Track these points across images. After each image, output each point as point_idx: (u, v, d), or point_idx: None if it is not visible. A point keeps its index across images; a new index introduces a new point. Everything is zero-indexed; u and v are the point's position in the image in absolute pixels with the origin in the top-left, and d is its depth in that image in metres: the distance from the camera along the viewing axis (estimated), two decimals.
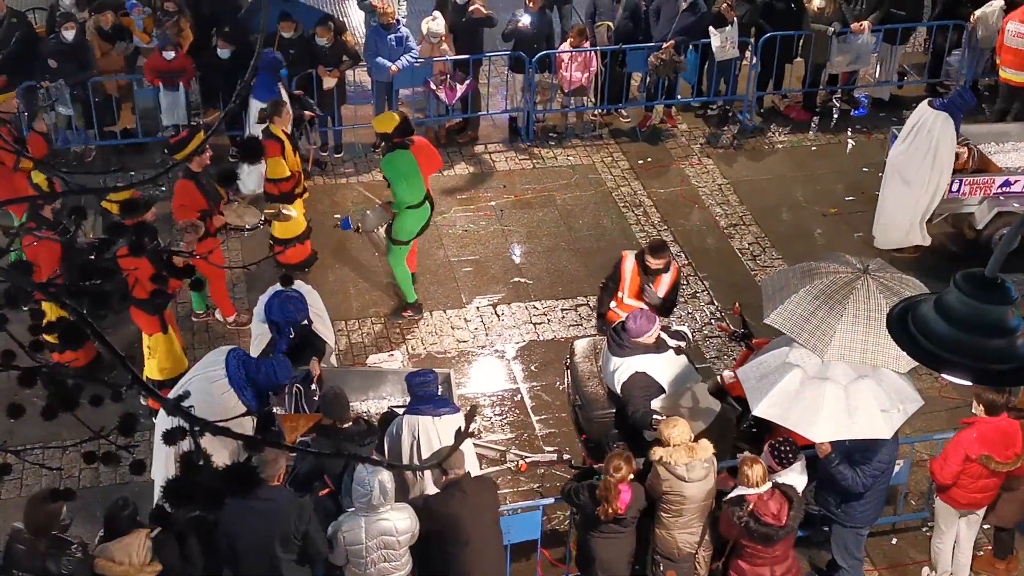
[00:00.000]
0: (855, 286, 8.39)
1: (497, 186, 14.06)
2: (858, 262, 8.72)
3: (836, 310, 8.25)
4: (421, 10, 15.97)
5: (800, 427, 8.09)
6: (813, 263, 8.87)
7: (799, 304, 8.38)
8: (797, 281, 8.60)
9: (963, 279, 4.32)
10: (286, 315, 9.19)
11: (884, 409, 8.08)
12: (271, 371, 8.22)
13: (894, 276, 8.62)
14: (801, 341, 8.30)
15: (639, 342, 8.99)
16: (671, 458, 8.06)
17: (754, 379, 8.42)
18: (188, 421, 2.86)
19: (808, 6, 15.01)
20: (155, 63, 13.64)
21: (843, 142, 15.27)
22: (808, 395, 8.09)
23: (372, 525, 7.62)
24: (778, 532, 7.92)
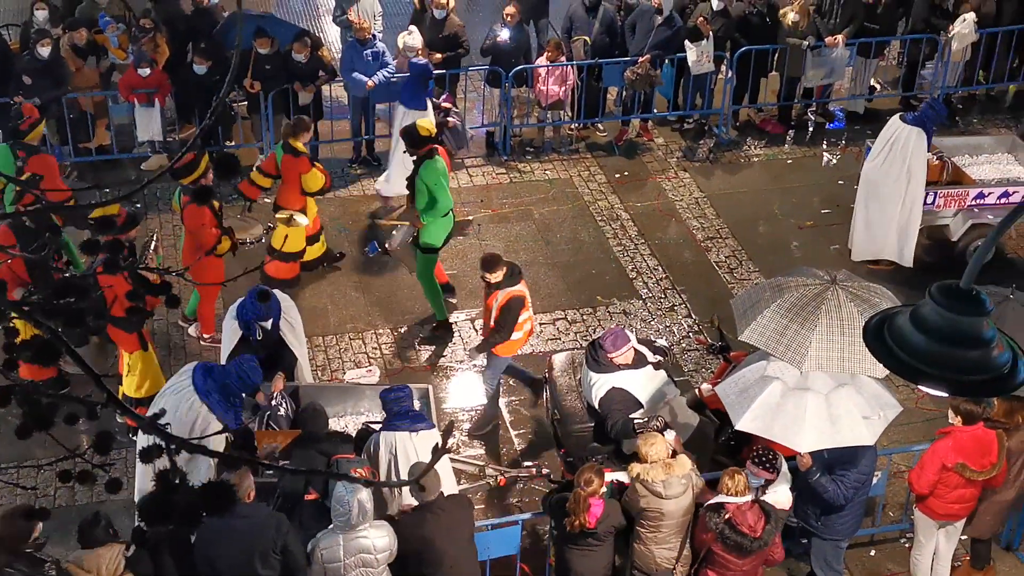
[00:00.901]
0: (825, 297, 8.44)
1: (474, 200, 14.06)
2: (825, 274, 8.77)
3: (809, 322, 8.29)
4: (398, 25, 15.98)
5: (784, 439, 8.11)
6: (782, 278, 8.91)
7: (772, 319, 8.42)
8: (767, 297, 8.64)
9: (938, 291, 4.33)
10: (257, 312, 9.23)
11: (866, 416, 8.13)
12: (242, 372, 8.22)
13: (862, 284, 8.70)
14: (778, 355, 8.33)
15: (615, 360, 9.01)
16: (648, 475, 8.07)
17: (733, 394, 8.44)
18: (164, 439, 2.84)
19: (783, 20, 15.09)
20: (130, 79, 13.59)
21: (818, 155, 15.35)
22: (790, 406, 8.12)
23: (350, 543, 7.59)
24: (752, 543, 7.93)
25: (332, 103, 14.83)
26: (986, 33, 15.53)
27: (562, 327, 12.00)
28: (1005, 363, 4.35)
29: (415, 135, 11.16)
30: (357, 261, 12.83)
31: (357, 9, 15.01)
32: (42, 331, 2.95)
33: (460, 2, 16.20)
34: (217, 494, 2.76)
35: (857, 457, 8.33)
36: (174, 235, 13.18)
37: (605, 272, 12.88)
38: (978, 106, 16.56)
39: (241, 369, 8.25)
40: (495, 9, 15.77)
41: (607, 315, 12.14)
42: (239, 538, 7.42)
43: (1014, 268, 12.78)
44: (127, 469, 9.41)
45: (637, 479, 8.10)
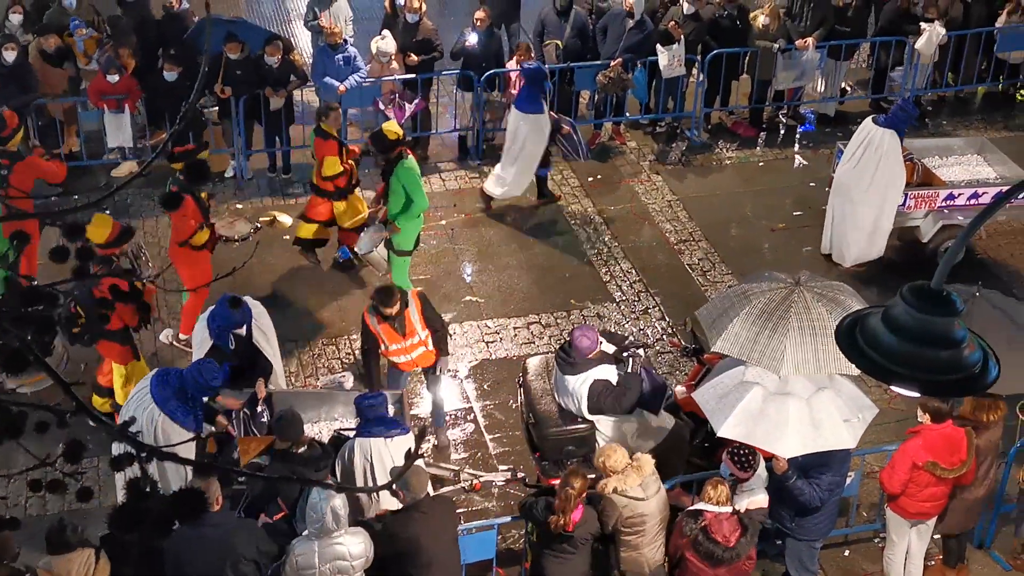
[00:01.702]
0: (792, 300, 8.47)
1: (447, 205, 14.04)
2: (788, 276, 8.81)
3: (781, 326, 8.31)
4: (369, 30, 15.96)
5: (767, 444, 8.13)
6: (746, 285, 8.96)
7: (743, 327, 8.43)
8: (735, 305, 8.64)
9: (910, 292, 4.36)
10: (228, 319, 9.17)
11: (846, 419, 8.19)
12: (196, 374, 8.20)
13: (825, 283, 8.77)
14: (754, 362, 8.35)
15: (590, 357, 9.03)
16: (625, 484, 8.09)
17: (712, 401, 8.45)
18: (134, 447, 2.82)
19: (753, 23, 15.15)
20: (100, 86, 13.51)
21: (790, 157, 15.41)
22: (772, 412, 8.14)
23: (325, 549, 7.56)
24: (724, 553, 7.94)
25: (304, 108, 14.78)
26: (955, 36, 15.64)
27: (536, 331, 12.01)
28: (976, 363, 4.39)
29: (384, 140, 11.18)
30: (329, 267, 12.78)
31: (328, 14, 14.99)
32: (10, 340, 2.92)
33: (432, 6, 16.19)
34: (188, 501, 2.74)
35: (831, 459, 8.37)
36: (144, 242, 13.09)
37: (579, 275, 12.89)
38: (947, 108, 16.67)
39: (199, 372, 8.22)
40: (467, 13, 15.77)
41: (581, 318, 12.14)
42: (210, 547, 7.38)
43: (984, 269, 12.87)
44: (99, 477, 9.34)
45: (614, 492, 8.12)
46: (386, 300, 9.53)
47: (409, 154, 11.36)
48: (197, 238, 10.76)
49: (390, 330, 9.63)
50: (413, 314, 9.69)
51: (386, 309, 9.52)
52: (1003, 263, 13.24)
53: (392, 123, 11.63)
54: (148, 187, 13.51)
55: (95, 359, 10.70)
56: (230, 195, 14.00)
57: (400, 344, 9.73)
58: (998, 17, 16.11)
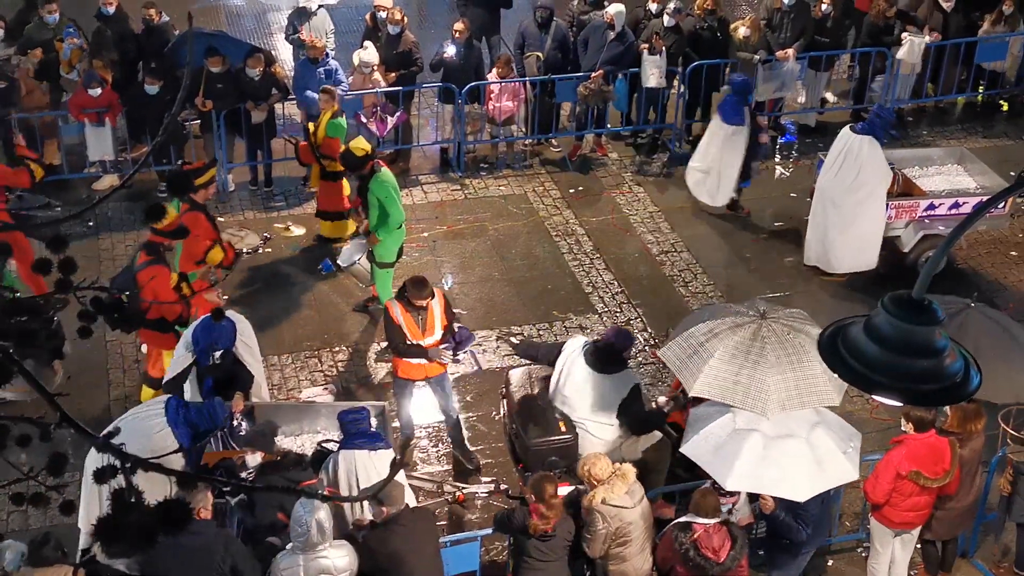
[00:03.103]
0: (763, 335, 8.41)
1: (429, 217, 14.05)
2: (751, 309, 8.78)
3: (760, 364, 8.23)
4: (350, 43, 15.96)
5: (779, 491, 8.09)
6: (710, 322, 8.76)
7: (719, 368, 8.32)
8: (705, 345, 8.51)
9: (891, 301, 4.38)
10: (213, 337, 9.11)
11: (844, 451, 8.18)
12: (211, 413, 8.31)
13: (787, 313, 8.76)
14: (737, 404, 8.23)
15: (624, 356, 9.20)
16: (612, 493, 8.05)
17: (708, 453, 8.28)
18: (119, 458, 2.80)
19: (734, 35, 15.22)
20: (81, 99, 13.47)
21: (770, 168, 15.46)
22: (775, 456, 8.09)
23: (311, 563, 7.53)
24: (713, 567, 7.94)
25: (285, 121, 14.76)
26: (934, 46, 15.74)
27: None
28: (957, 372, 4.40)
29: (352, 159, 11.24)
30: (312, 279, 12.76)
31: (309, 27, 14.99)
32: None
33: (412, 18, 16.21)
34: (173, 512, 2.73)
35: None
36: (126, 255, 13.05)
37: (561, 287, 12.90)
38: (927, 118, 16.77)
39: (213, 411, 8.33)
40: (447, 25, 15.79)
41: (563, 330, 12.15)
42: (188, 556, 7.35)
43: (965, 278, 12.95)
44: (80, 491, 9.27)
45: (602, 504, 8.06)
46: (419, 290, 9.56)
47: (383, 166, 11.38)
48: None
49: (412, 323, 9.64)
50: (436, 309, 9.70)
51: (417, 300, 9.55)
52: (983, 272, 13.31)
53: (360, 140, 11.63)
54: (129, 200, 13.48)
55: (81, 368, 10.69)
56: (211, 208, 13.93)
57: (420, 341, 9.71)
58: (977, 27, 16.22)
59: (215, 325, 9.09)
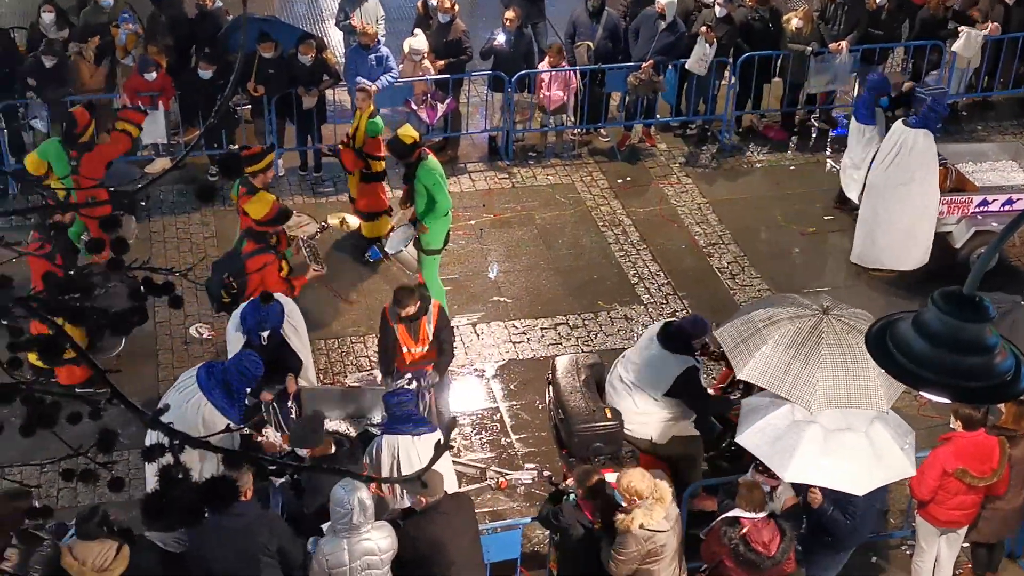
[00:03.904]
0: (823, 329, 8.39)
1: (476, 205, 14.06)
2: (814, 302, 8.73)
3: (813, 358, 8.22)
4: (401, 30, 16.00)
5: (840, 484, 8.03)
6: (771, 309, 8.80)
7: (772, 355, 8.33)
8: (761, 331, 8.53)
9: (941, 297, 4.34)
10: (262, 316, 9.24)
11: (901, 447, 8.13)
12: (241, 366, 8.31)
13: (851, 312, 8.69)
14: (783, 394, 8.22)
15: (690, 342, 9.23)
16: (651, 518, 7.86)
17: (766, 445, 8.26)
18: (168, 435, 2.84)
19: (786, 26, 15.09)
20: (135, 83, 13.60)
21: (821, 161, 15.34)
22: (835, 449, 8.05)
23: (355, 546, 7.56)
24: (764, 562, 7.89)
25: (335, 107, 14.82)
26: (992, 40, 15.51)
27: (563, 332, 12.00)
28: (1008, 370, 4.36)
29: (400, 146, 11.23)
30: (359, 266, 12.82)
31: (360, 13, 15.03)
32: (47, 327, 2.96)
33: (463, 6, 16.21)
34: (219, 490, 2.77)
35: None
36: (177, 237, 13.20)
37: (606, 277, 12.88)
38: (982, 113, 16.53)
39: (241, 364, 8.39)
40: (497, 14, 15.78)
41: (608, 320, 12.14)
42: (231, 537, 7.41)
43: (1017, 275, 12.77)
44: (129, 470, 9.42)
45: (640, 529, 7.84)
46: (401, 300, 9.55)
47: (430, 154, 11.39)
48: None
49: (405, 332, 9.66)
50: (429, 324, 9.69)
51: (400, 309, 9.55)
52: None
53: (407, 127, 11.63)
54: (181, 183, 13.61)
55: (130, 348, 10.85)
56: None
57: (412, 349, 9.72)
58: None
59: (263, 306, 9.23)
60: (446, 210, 11.34)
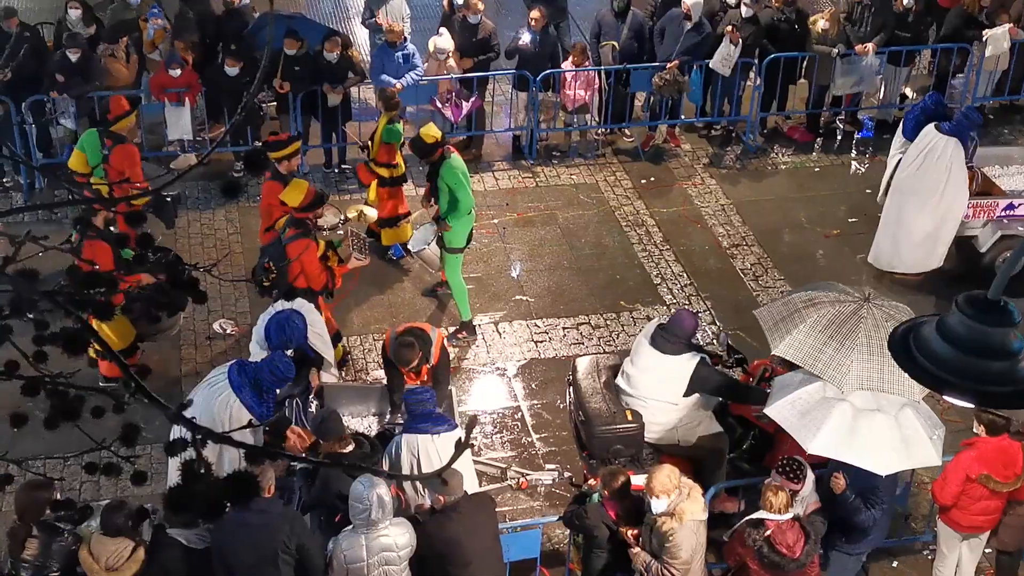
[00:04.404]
0: (862, 315, 8.42)
1: (499, 204, 14.08)
2: (856, 291, 8.74)
3: (849, 341, 8.25)
4: (426, 28, 16.03)
5: (862, 461, 7.99)
6: (813, 292, 8.87)
7: (809, 335, 8.38)
8: (800, 311, 8.59)
9: (966, 301, 4.33)
10: (285, 337, 9.05)
11: (930, 436, 8.10)
12: (273, 367, 8.32)
13: (892, 304, 8.70)
14: (817, 372, 8.27)
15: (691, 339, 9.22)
16: (693, 509, 7.80)
17: (794, 417, 8.27)
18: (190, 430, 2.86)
19: (812, 28, 15.04)
20: (161, 79, 13.68)
21: (846, 164, 15.28)
22: (863, 428, 8.03)
23: (373, 542, 7.59)
24: (789, 564, 7.86)
25: (360, 105, 14.86)
26: (1020, 44, 15.41)
27: (585, 331, 12.00)
28: None
29: (422, 145, 11.22)
30: (382, 263, 12.84)
31: (386, 11, 15.07)
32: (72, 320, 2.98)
33: (489, 5, 16.23)
34: (240, 485, 2.78)
35: (880, 480, 8.25)
36: (202, 233, 13.27)
37: (629, 278, 12.87)
38: (1009, 116, 16.43)
39: (273, 364, 8.39)
40: (522, 13, 15.79)
41: (630, 320, 12.13)
42: (252, 533, 7.43)
43: None
44: (152, 464, 9.47)
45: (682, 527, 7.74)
46: (403, 358, 9.27)
47: (454, 153, 11.39)
48: (280, 225, 10.92)
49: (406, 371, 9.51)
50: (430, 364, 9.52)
51: (404, 367, 9.31)
52: None
53: (430, 126, 11.61)
54: (206, 179, 13.68)
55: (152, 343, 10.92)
56: None
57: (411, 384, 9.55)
58: None
59: (287, 324, 9.07)
60: (469, 209, 11.35)
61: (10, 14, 13.57)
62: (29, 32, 13.99)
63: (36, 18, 15.62)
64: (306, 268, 10.11)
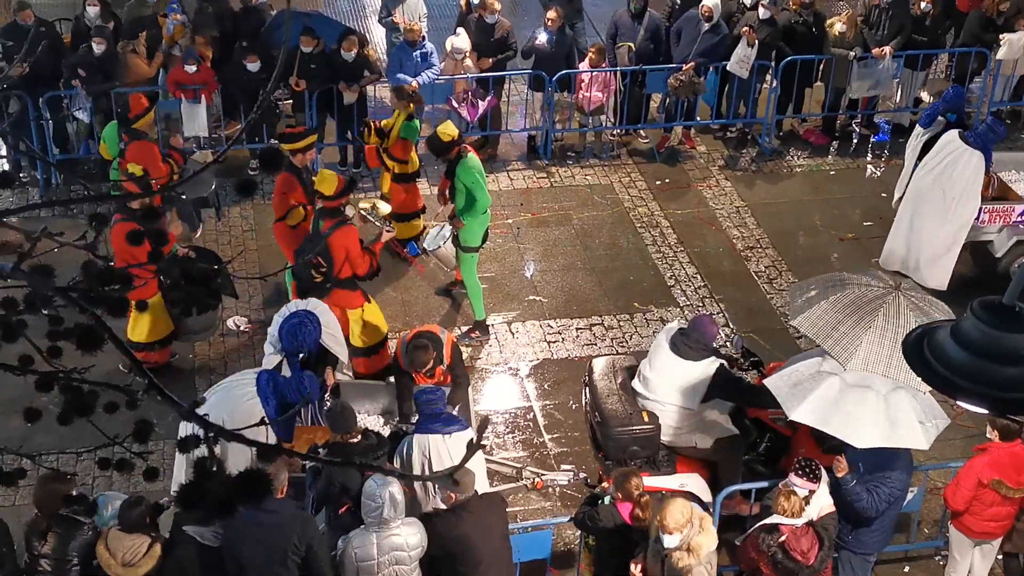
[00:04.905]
0: (885, 301, 8.47)
1: (514, 204, 14.08)
2: (890, 279, 8.80)
3: (864, 322, 8.33)
4: (443, 27, 16.04)
5: (841, 432, 8.07)
6: (845, 274, 8.99)
7: (827, 311, 8.48)
8: (828, 289, 8.71)
9: (980, 307, 4.31)
10: (298, 342, 9.01)
11: (922, 422, 8.09)
12: (300, 383, 8.40)
13: (924, 297, 8.69)
14: (826, 347, 8.37)
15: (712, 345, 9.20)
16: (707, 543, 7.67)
17: (786, 387, 8.44)
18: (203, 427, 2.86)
19: (829, 30, 15.01)
20: (177, 76, 13.71)
21: (861, 167, 15.25)
22: (848, 402, 8.11)
23: (384, 541, 7.59)
24: (803, 571, 7.83)
25: (376, 103, 14.88)
26: None
27: (598, 332, 11.99)
28: None
29: (440, 144, 11.24)
30: (397, 262, 12.85)
31: (403, 10, 15.08)
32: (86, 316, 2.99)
33: (505, 5, 16.23)
34: (252, 483, 2.79)
35: (892, 470, 8.26)
36: (216, 230, 13.29)
37: (643, 279, 12.86)
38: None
39: (301, 383, 8.46)
40: (538, 13, 15.79)
41: (644, 322, 12.11)
42: (264, 533, 7.45)
43: None
44: (164, 460, 9.49)
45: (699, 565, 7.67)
46: (417, 361, 9.24)
47: (470, 152, 11.41)
48: (291, 217, 10.94)
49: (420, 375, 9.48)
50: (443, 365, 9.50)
51: (419, 369, 9.29)
52: None
53: (448, 124, 11.64)
54: (221, 176, 13.70)
55: None
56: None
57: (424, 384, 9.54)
58: None
59: (300, 329, 9.05)
60: (485, 208, 11.36)
61: (23, 7, 13.65)
62: (45, 27, 14.05)
63: (53, 15, 15.68)
64: (351, 255, 10.15)
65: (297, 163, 10.98)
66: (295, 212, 11.06)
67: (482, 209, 11.30)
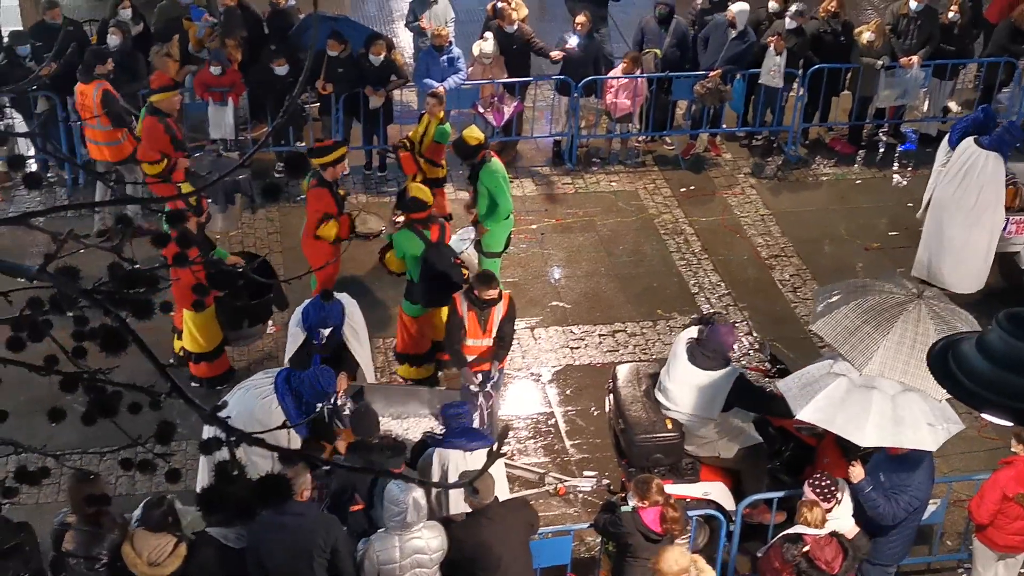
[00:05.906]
0: (907, 308, 8.43)
1: (539, 209, 14.08)
2: (914, 286, 8.78)
3: (883, 328, 8.30)
4: (469, 32, 16.05)
5: (846, 431, 8.07)
6: (868, 280, 8.99)
7: (847, 316, 8.47)
8: (849, 295, 8.69)
9: (1006, 318, 4.28)
10: (322, 316, 9.39)
11: (930, 423, 8.05)
12: (314, 380, 8.47)
13: (947, 306, 8.63)
14: (843, 352, 8.36)
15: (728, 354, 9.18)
16: None
17: (796, 387, 8.46)
18: (224, 431, 2.88)
19: (858, 39, 14.94)
20: (204, 78, 13.77)
21: (888, 176, 15.17)
22: (854, 401, 8.10)
23: (406, 543, 7.62)
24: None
25: (402, 107, 14.91)
26: None
27: (621, 339, 11.98)
28: None
29: (466, 147, 11.26)
30: None
31: (430, 15, 15.10)
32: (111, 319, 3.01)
33: (533, 11, 16.23)
34: (273, 487, 2.80)
35: (912, 480, 8.21)
36: (241, 232, 13.34)
37: (666, 286, 12.83)
38: None
39: (316, 378, 8.57)
40: (566, 18, 15.79)
41: (667, 329, 12.09)
42: (288, 536, 7.47)
43: None
44: (186, 461, 9.54)
45: None
46: (486, 282, 9.61)
47: (494, 156, 11.42)
48: (325, 231, 10.88)
49: (475, 320, 9.69)
50: (498, 314, 9.73)
51: (483, 292, 9.57)
52: None
53: (473, 128, 11.67)
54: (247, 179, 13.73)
55: None
56: None
57: (477, 341, 9.75)
58: None
59: (325, 304, 9.35)
60: (508, 213, 11.37)
61: (52, 5, 13.73)
62: (73, 27, 14.13)
63: (83, 16, 15.77)
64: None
65: (328, 177, 10.90)
66: (327, 227, 10.89)
67: (504, 214, 11.31)
